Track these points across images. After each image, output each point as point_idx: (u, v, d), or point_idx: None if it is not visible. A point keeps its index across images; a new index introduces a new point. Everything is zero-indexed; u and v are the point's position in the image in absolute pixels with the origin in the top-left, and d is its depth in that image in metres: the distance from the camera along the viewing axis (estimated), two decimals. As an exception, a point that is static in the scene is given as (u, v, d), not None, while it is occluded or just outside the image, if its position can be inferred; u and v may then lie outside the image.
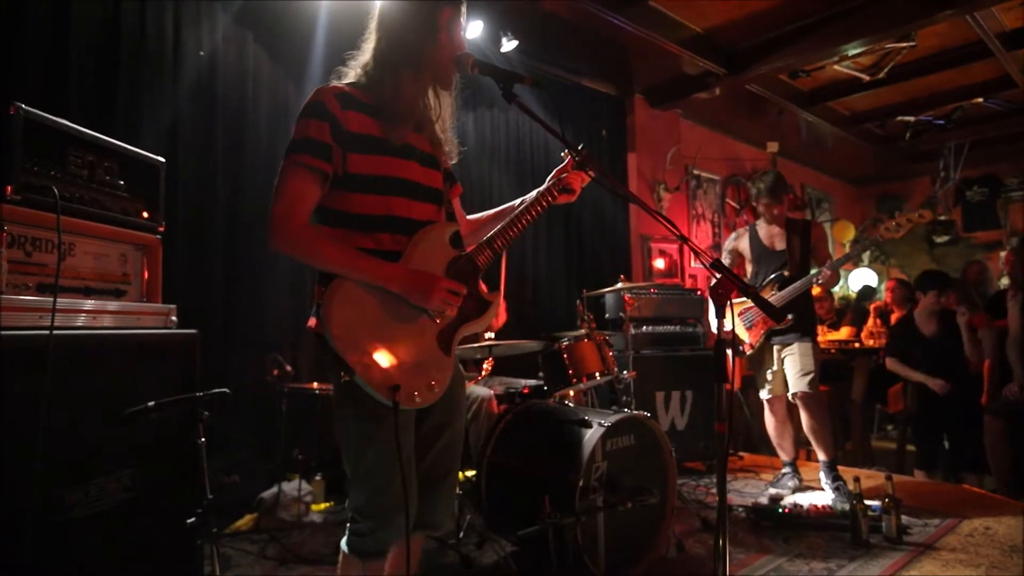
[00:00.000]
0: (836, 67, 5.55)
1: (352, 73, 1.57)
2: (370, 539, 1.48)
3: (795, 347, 3.53)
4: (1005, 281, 6.16)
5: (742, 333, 3.63)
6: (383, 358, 1.43)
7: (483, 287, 1.64)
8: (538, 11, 4.22)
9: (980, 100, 6.37)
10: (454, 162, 1.73)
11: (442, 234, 1.58)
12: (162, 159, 2.15)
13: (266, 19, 3.57)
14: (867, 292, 6.99)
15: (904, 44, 5.14)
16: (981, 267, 5.98)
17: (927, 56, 5.48)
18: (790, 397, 3.60)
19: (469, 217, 1.85)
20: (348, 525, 1.53)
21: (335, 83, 1.54)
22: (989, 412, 3.72)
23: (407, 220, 1.53)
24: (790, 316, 3.38)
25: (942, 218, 8.21)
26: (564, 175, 1.73)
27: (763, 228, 3.75)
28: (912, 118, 6.88)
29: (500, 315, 3.61)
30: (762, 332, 3.56)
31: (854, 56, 5.29)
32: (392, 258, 1.49)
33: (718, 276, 1.41)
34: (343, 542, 1.54)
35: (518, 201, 1.77)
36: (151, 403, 1.68)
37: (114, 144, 1.98)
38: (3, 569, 1.40)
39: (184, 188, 3.15)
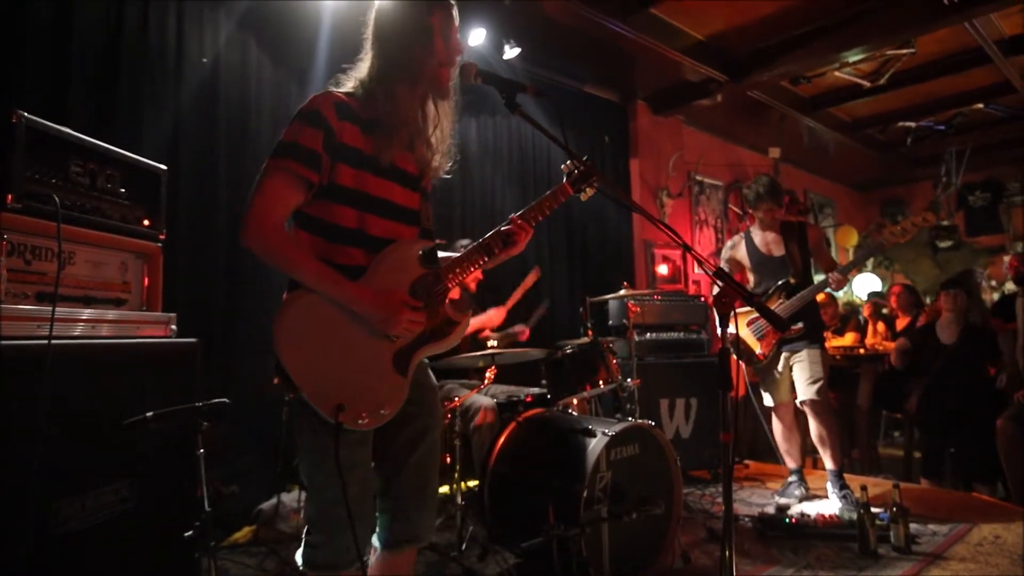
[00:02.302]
0: (837, 73, 5.55)
1: (350, 84, 1.55)
2: (321, 551, 1.46)
3: (804, 354, 3.50)
4: (1010, 286, 6.14)
5: (753, 344, 3.59)
6: (330, 377, 1.40)
7: (450, 309, 1.60)
8: (540, 18, 4.22)
9: (980, 105, 6.37)
10: (445, 174, 1.68)
11: (410, 251, 1.55)
12: (164, 167, 2.14)
13: (269, 24, 3.56)
14: (880, 297, 6.95)
15: (904, 51, 5.14)
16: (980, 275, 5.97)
17: (927, 62, 5.48)
18: (799, 404, 3.56)
19: None
20: (303, 537, 1.51)
21: (334, 90, 1.52)
22: (1003, 417, 3.67)
23: (381, 240, 1.51)
24: (800, 324, 3.37)
25: (945, 223, 8.20)
26: (509, 229, 1.60)
27: (758, 235, 3.72)
28: (913, 123, 6.87)
29: (496, 318, 3.56)
30: (773, 342, 3.52)
31: (855, 63, 5.29)
32: (356, 274, 1.47)
33: (721, 285, 1.39)
34: (298, 554, 1.51)
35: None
36: (149, 414, 1.66)
37: (116, 152, 1.97)
38: (-1, 584, 1.38)
39: (186, 195, 3.13)
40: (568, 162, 1.68)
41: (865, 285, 7.96)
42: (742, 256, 3.76)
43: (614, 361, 3.00)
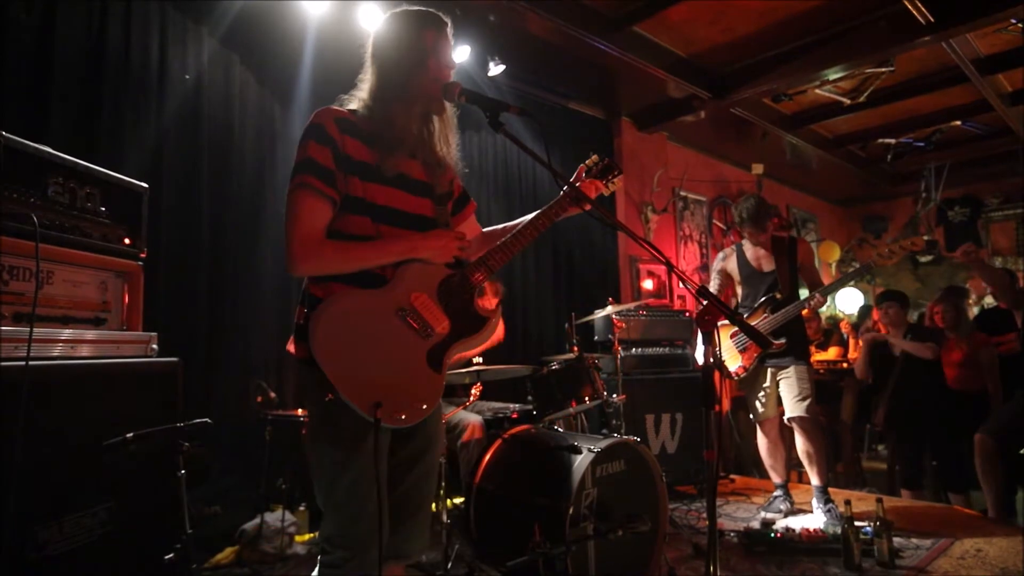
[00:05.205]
0: (818, 91, 5.65)
1: (354, 103, 1.59)
2: (343, 570, 1.44)
3: (791, 370, 3.52)
4: (989, 300, 6.24)
5: (735, 357, 3.60)
6: (367, 375, 1.41)
7: (480, 304, 1.63)
8: (525, 36, 4.26)
9: (958, 123, 6.50)
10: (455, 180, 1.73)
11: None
12: (145, 185, 2.13)
13: (252, 42, 3.57)
14: (865, 312, 7.01)
15: (883, 69, 5.24)
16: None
17: (906, 80, 5.59)
18: (787, 421, 3.57)
19: (485, 230, 1.84)
20: (319, 557, 1.49)
21: (336, 107, 1.56)
22: (982, 432, 3.70)
23: None
24: (783, 340, 3.40)
25: (925, 238, 8.33)
26: (578, 184, 1.75)
27: (749, 249, 3.76)
28: (893, 140, 6.99)
29: (498, 331, 3.56)
30: (755, 356, 3.54)
31: (835, 80, 5.39)
32: (379, 281, 1.49)
33: (704, 303, 1.40)
34: (314, 574, 1.50)
35: (529, 216, 1.76)
36: (130, 435, 1.64)
37: (96, 170, 1.96)
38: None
39: (168, 213, 3.10)
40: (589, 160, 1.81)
41: (847, 299, 8.04)
42: (733, 269, 3.81)
43: (599, 377, 3.00)
